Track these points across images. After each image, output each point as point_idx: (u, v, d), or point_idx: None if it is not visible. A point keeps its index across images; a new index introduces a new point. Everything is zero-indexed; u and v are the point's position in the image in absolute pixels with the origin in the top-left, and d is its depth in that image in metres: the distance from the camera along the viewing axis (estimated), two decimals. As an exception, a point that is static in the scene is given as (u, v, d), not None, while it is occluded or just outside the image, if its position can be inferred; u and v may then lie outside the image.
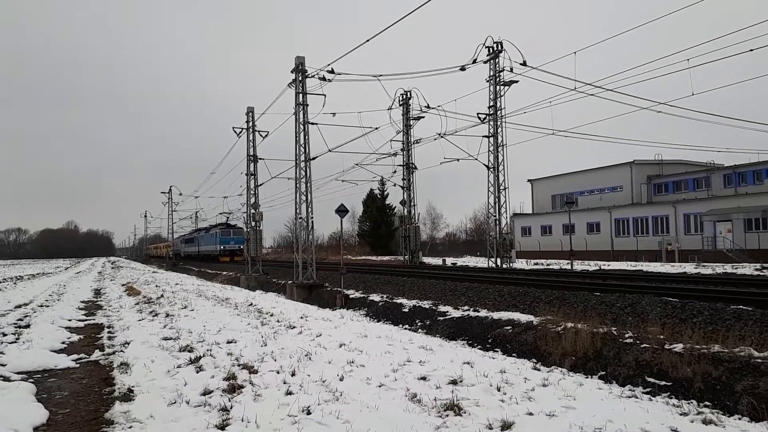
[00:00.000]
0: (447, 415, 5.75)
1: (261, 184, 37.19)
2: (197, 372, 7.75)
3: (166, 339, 10.56)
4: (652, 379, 8.36)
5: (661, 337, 9.44)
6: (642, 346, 9.20)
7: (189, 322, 12.75)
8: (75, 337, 11.78)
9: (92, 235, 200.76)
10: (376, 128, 32.93)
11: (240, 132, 37.15)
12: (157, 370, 7.96)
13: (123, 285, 28.56)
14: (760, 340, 8.48)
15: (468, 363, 8.17)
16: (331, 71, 25.75)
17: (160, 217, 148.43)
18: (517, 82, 31.48)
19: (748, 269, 26.31)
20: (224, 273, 42.82)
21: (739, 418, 6.41)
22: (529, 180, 65.82)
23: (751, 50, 16.71)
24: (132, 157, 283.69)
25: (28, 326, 12.92)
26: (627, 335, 9.85)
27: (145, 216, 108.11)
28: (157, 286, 26.96)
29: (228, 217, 66.08)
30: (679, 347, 8.70)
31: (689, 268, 28.56)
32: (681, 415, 5.98)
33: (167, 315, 14.25)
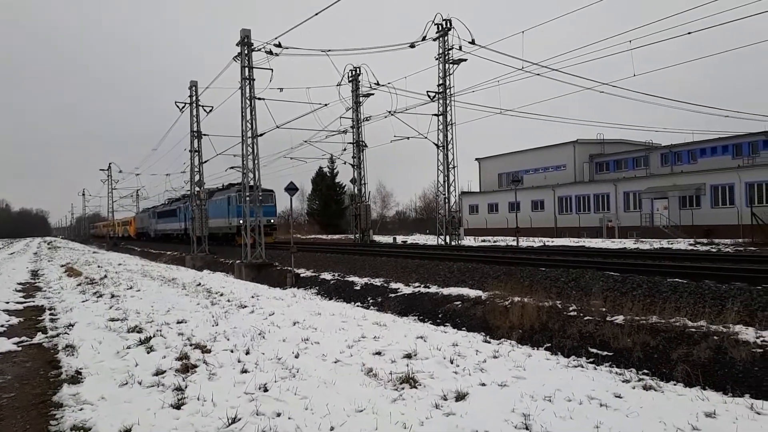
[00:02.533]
0: (403, 388, 5.87)
1: (206, 161, 36.25)
2: (148, 352, 7.61)
3: (112, 320, 10.29)
4: (595, 350, 8.74)
5: (603, 309, 9.87)
6: (585, 318, 9.60)
7: (136, 303, 12.45)
8: (14, 320, 11.30)
9: (25, 215, 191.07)
10: (326, 105, 32.49)
11: (183, 107, 36.00)
12: (105, 351, 7.76)
13: (62, 266, 27.49)
14: (694, 311, 8.98)
15: (421, 337, 8.33)
16: (279, 45, 25.21)
17: (99, 196, 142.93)
18: (465, 60, 31.69)
19: (682, 244, 27.71)
20: (168, 253, 41.83)
21: (675, 384, 6.79)
22: (476, 159, 66.80)
23: (689, 33, 17.38)
24: (69, 132, 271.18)
25: (-39, 310, 12.31)
26: (571, 308, 10.25)
27: (83, 194, 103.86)
28: (99, 266, 26.09)
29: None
30: (620, 319, 9.13)
31: (629, 243, 29.81)
32: (623, 382, 6.29)
33: (112, 296, 13.86)
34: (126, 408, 5.37)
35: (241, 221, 30.31)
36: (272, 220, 36.41)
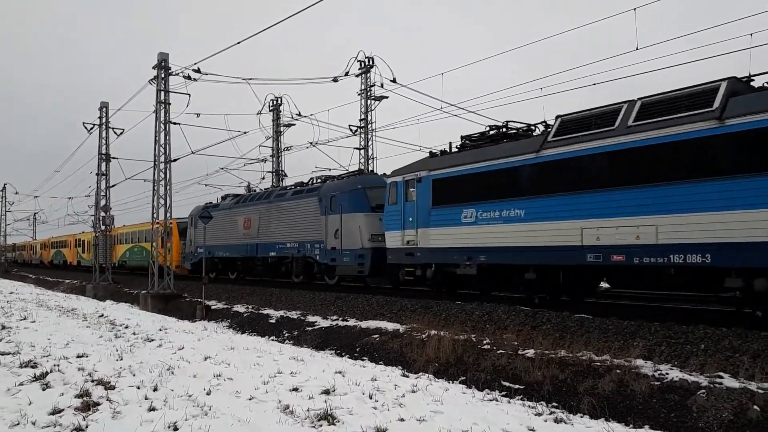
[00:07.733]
0: (321, 425, 5.76)
1: (113, 185, 34.65)
2: (44, 389, 7.04)
3: (3, 354, 9.44)
4: (507, 383, 8.96)
5: (516, 343, 10.17)
6: (498, 352, 9.86)
7: (30, 335, 11.53)
8: None
9: None
10: (245, 132, 31.91)
11: (91, 128, 34.40)
12: (-7, 389, 7.09)
13: (-57, 293, 25.08)
14: (599, 346, 9.43)
15: (340, 372, 8.24)
16: (198, 70, 24.75)
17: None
18: (387, 97, 32.24)
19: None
20: (67, 281, 39.17)
21: (582, 416, 7.09)
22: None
23: (594, 84, 18.62)
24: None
25: None
26: (485, 342, 10.49)
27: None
28: (-13, 294, 24.02)
29: None
30: (531, 353, 9.45)
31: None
32: (536, 415, 6.50)
33: (3, 327, 12.78)
34: (17, 452, 4.92)
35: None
36: None
